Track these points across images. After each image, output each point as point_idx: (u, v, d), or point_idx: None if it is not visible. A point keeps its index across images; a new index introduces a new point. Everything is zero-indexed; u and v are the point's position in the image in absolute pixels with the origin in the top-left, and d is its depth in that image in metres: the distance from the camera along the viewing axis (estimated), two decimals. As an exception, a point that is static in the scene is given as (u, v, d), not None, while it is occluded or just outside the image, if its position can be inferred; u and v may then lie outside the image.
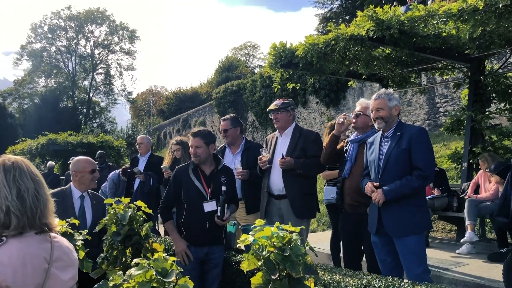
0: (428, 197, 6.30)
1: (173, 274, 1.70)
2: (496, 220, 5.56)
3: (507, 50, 7.28)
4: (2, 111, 39.09)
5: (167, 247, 3.90)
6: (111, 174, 8.08)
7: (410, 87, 9.14)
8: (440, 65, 7.96)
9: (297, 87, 9.47)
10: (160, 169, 5.96)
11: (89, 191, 3.68)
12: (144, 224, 3.13)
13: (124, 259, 3.02)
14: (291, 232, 2.07)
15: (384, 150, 3.41)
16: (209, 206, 3.53)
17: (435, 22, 5.65)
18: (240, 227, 3.94)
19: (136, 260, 1.80)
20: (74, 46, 49.42)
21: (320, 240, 6.71)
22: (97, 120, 49.86)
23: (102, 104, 51.27)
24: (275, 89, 8.10)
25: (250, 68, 45.65)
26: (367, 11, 5.75)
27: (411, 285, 2.58)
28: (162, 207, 3.70)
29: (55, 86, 47.70)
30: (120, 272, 1.81)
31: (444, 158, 8.61)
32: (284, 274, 2.01)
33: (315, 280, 2.14)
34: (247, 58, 51.23)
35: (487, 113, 7.30)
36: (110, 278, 1.79)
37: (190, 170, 3.62)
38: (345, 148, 3.98)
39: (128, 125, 39.57)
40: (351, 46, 6.09)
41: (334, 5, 26.32)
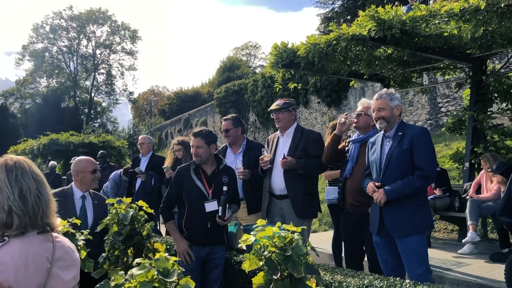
0: (430, 197, 6.29)
1: (175, 274, 1.70)
2: (499, 220, 5.55)
3: (509, 50, 7.28)
4: (4, 111, 39.15)
5: (169, 247, 3.91)
6: (113, 174, 8.08)
7: (412, 87, 9.13)
8: (442, 65, 7.95)
9: (299, 87, 9.46)
10: (162, 169, 5.97)
11: (91, 191, 3.68)
12: (146, 224, 3.13)
13: (126, 259, 3.02)
14: (293, 232, 2.07)
15: (386, 150, 3.41)
16: (211, 206, 3.53)
17: (437, 22, 5.65)
18: (242, 227, 3.94)
19: (138, 260, 1.80)
20: (76, 46, 49.52)
21: (322, 240, 6.71)
22: (99, 120, 49.95)
23: (104, 104, 51.37)
24: (277, 89, 8.10)
25: (252, 68, 45.63)
26: (369, 11, 5.74)
27: (413, 285, 2.58)
28: (163, 207, 3.70)
29: (57, 86, 47.80)
30: (122, 272, 1.81)
31: (446, 158, 8.60)
32: (286, 274, 2.01)
33: (317, 280, 2.14)
34: (249, 58, 51.24)
35: (489, 113, 7.30)
36: (112, 278, 1.79)
37: (192, 170, 3.62)
38: (347, 148, 3.98)
39: (130, 125, 39.65)
40: (353, 46, 6.09)
41: (336, 5, 26.34)
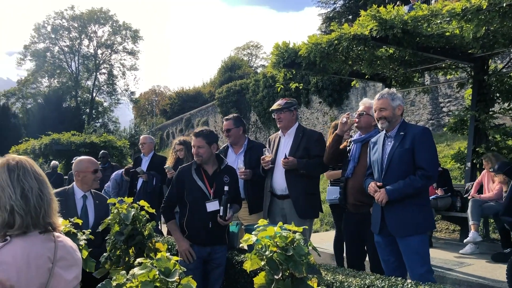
0: (432, 197, 6.28)
1: (176, 274, 1.70)
2: (502, 220, 5.54)
3: (511, 50, 7.26)
4: (6, 111, 39.25)
5: (170, 247, 3.91)
6: (114, 174, 8.09)
7: (414, 87, 9.12)
8: (444, 65, 7.93)
9: (300, 87, 9.46)
10: (163, 169, 5.97)
11: (92, 191, 3.68)
12: (147, 224, 3.14)
13: (127, 259, 3.03)
14: (294, 232, 2.07)
15: (388, 150, 3.40)
16: (212, 206, 3.53)
17: (439, 22, 5.63)
18: (243, 227, 3.94)
19: (139, 260, 1.80)
20: (77, 46, 49.60)
21: (323, 240, 6.71)
22: (100, 120, 50.01)
23: (105, 104, 51.45)
24: (278, 89, 8.09)
25: (253, 68, 45.63)
26: (370, 11, 5.73)
27: (415, 285, 2.57)
28: (164, 207, 3.70)
29: (58, 86, 47.90)
30: (123, 272, 1.81)
31: (448, 158, 8.59)
32: (287, 274, 2.01)
33: (318, 280, 2.14)
34: (250, 58, 51.25)
35: (491, 113, 7.28)
36: (113, 278, 1.79)
37: (193, 170, 3.62)
38: (348, 148, 3.98)
39: (131, 125, 39.62)
40: (354, 46, 6.07)
41: (337, 5, 26.29)
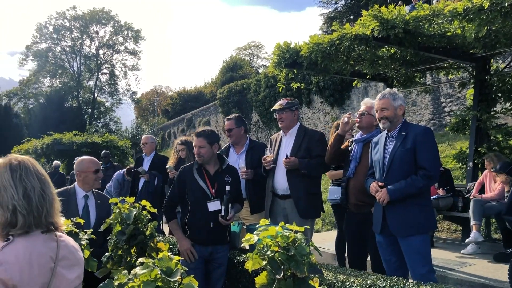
0: (433, 197, 6.28)
1: (178, 273, 1.70)
2: (504, 219, 5.54)
3: (513, 50, 7.24)
4: (8, 111, 39.31)
5: (172, 247, 3.91)
6: (116, 174, 8.11)
7: (415, 87, 9.11)
8: (445, 65, 7.92)
9: (302, 87, 9.45)
10: (165, 169, 5.98)
11: (94, 191, 3.69)
12: (149, 224, 3.14)
13: (129, 259, 3.03)
14: (296, 232, 2.07)
15: (389, 150, 3.40)
16: (213, 206, 3.53)
17: (440, 22, 5.63)
18: (245, 227, 3.95)
19: (141, 259, 1.80)
20: (79, 46, 49.67)
21: (325, 240, 6.70)
22: (102, 120, 50.10)
23: (107, 104, 51.53)
24: (280, 89, 8.09)
25: (255, 68, 45.62)
26: (372, 11, 5.73)
27: (416, 285, 2.57)
28: (166, 207, 3.71)
29: (60, 86, 47.97)
30: (125, 271, 1.81)
31: (449, 158, 8.58)
32: (289, 274, 2.01)
33: (320, 280, 2.14)
34: (252, 58, 51.25)
35: (493, 113, 7.27)
36: (115, 277, 1.79)
37: (194, 170, 3.63)
38: (350, 148, 3.98)
39: (133, 125, 39.70)
40: (356, 46, 6.07)
41: (339, 5, 26.27)
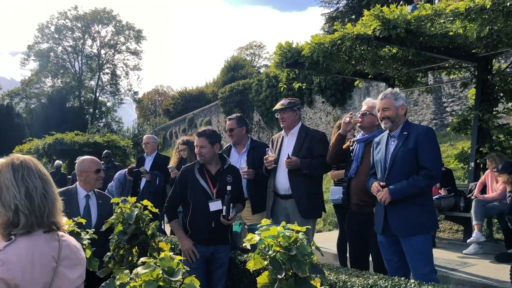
0: (435, 197, 6.27)
1: (180, 273, 1.70)
2: (507, 219, 5.53)
3: (515, 49, 7.22)
4: (10, 111, 39.39)
5: (173, 246, 3.92)
6: (117, 174, 8.12)
7: (417, 87, 9.09)
8: (447, 65, 7.91)
9: (303, 87, 9.44)
10: (166, 169, 5.98)
11: (96, 190, 3.69)
12: (151, 224, 3.14)
13: (131, 258, 3.03)
14: (297, 232, 2.07)
15: (391, 150, 3.40)
16: (215, 206, 3.54)
17: (442, 21, 5.62)
18: (246, 227, 3.95)
19: (143, 259, 1.80)
20: (81, 46, 49.72)
21: (326, 240, 6.70)
22: (104, 120, 50.12)
23: (109, 104, 51.57)
24: (281, 89, 8.09)
25: (256, 68, 45.59)
26: (374, 11, 5.72)
27: (418, 285, 2.57)
28: (168, 206, 3.71)
29: (62, 86, 48.03)
30: (127, 271, 1.81)
31: (451, 158, 8.57)
32: (290, 274, 2.01)
33: (321, 280, 2.14)
34: (253, 58, 51.23)
35: (495, 113, 7.25)
36: (117, 277, 1.79)
37: (196, 170, 3.63)
38: (351, 148, 3.97)
39: (134, 125, 39.68)
40: (357, 46, 6.07)
41: (340, 5, 26.23)
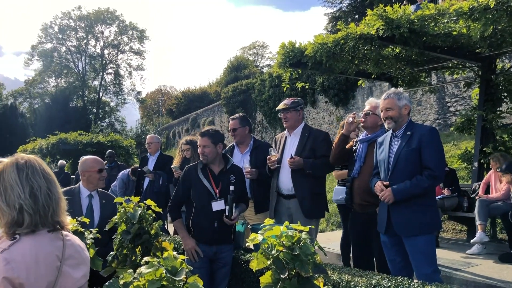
0: (438, 197, 6.25)
1: (183, 273, 1.70)
2: (511, 220, 5.52)
3: (519, 49, 7.19)
4: (13, 111, 39.54)
5: (177, 246, 3.92)
6: (121, 174, 8.13)
7: (420, 87, 9.07)
8: (451, 64, 7.89)
9: (306, 87, 9.47)
10: (170, 168, 6.00)
11: (99, 190, 3.70)
12: (154, 223, 3.15)
13: (134, 258, 3.04)
14: (300, 232, 2.07)
15: (394, 150, 3.39)
16: (217, 205, 3.54)
17: (446, 21, 5.60)
18: (249, 226, 3.95)
19: (146, 259, 1.80)
20: (84, 46, 49.82)
21: (329, 240, 6.70)
22: (107, 120, 50.24)
23: (112, 104, 51.67)
24: (284, 89, 8.09)
25: (259, 68, 45.57)
26: (377, 10, 5.71)
27: (421, 285, 2.56)
28: (171, 206, 3.72)
29: (65, 86, 48.15)
30: (130, 270, 1.81)
31: (455, 158, 8.54)
32: (293, 273, 2.01)
33: (325, 280, 2.14)
34: (256, 58, 51.18)
35: (498, 113, 7.23)
36: (120, 276, 1.80)
37: (199, 170, 3.63)
38: (354, 148, 3.97)
39: (138, 125, 39.73)
40: (361, 45, 6.06)
41: (343, 4, 26.21)
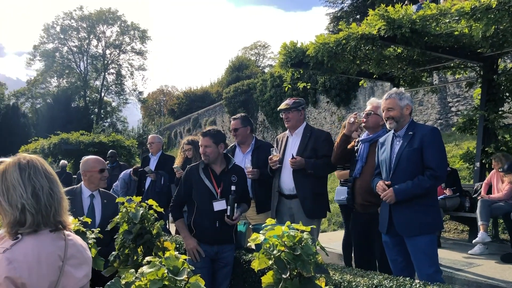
0: (440, 197, 6.25)
1: (185, 272, 1.70)
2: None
3: (521, 49, 7.18)
4: (15, 111, 39.64)
5: (178, 246, 3.92)
6: (122, 174, 8.14)
7: (422, 87, 9.06)
8: (452, 64, 7.88)
9: (308, 87, 9.45)
10: (171, 168, 6.00)
11: (101, 190, 3.70)
12: (156, 223, 3.15)
13: (136, 258, 3.04)
14: (302, 232, 2.07)
15: (396, 150, 3.39)
16: (219, 205, 3.54)
17: (447, 21, 5.60)
18: (251, 226, 3.95)
19: (148, 258, 1.81)
20: (86, 46, 49.91)
21: (331, 240, 6.70)
22: (109, 120, 50.35)
23: (114, 104, 51.79)
24: (286, 89, 8.10)
25: (261, 68, 45.58)
26: (378, 10, 5.71)
27: (423, 286, 2.56)
28: (173, 206, 3.72)
29: (67, 86, 48.24)
30: (132, 270, 1.82)
31: (456, 158, 8.54)
32: (295, 273, 2.01)
33: (326, 280, 2.14)
34: (258, 58, 51.20)
35: (500, 113, 7.21)
36: (122, 276, 1.80)
37: (201, 169, 3.64)
38: (356, 148, 3.97)
39: (139, 125, 39.81)
40: (362, 45, 6.06)
41: (345, 4, 26.19)
